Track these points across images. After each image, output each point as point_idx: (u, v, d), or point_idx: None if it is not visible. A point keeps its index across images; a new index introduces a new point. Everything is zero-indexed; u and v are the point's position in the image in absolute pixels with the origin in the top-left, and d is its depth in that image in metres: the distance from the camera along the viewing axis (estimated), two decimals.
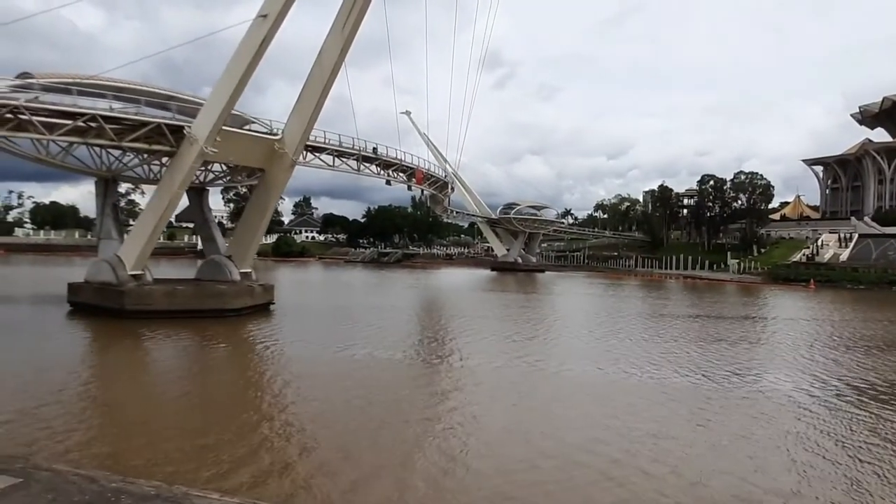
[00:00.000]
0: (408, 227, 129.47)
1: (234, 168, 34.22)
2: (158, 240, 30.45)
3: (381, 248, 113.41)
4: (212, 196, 37.04)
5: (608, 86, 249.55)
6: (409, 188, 50.28)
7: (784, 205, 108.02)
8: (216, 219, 39.90)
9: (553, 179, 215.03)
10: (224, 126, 26.16)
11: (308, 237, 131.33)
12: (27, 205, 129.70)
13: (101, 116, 24.85)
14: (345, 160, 38.23)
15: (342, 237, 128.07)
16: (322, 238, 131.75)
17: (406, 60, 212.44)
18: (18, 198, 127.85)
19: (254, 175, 34.24)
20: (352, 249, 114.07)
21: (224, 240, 33.96)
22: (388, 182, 44.12)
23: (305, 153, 33.74)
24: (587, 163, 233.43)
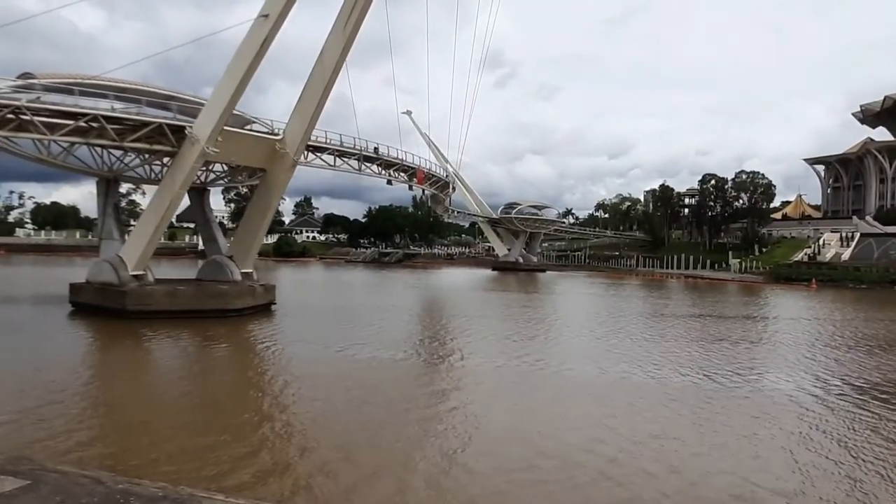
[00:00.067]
0: (409, 227, 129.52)
1: (236, 168, 34.24)
2: (160, 240, 30.46)
3: (382, 248, 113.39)
4: (213, 196, 37.13)
5: (609, 85, 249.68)
6: (411, 188, 50.29)
7: (785, 204, 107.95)
8: (217, 219, 39.90)
9: (554, 179, 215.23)
10: (225, 126, 26.16)
11: (309, 237, 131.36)
12: (28, 205, 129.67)
13: (103, 116, 24.86)
14: (346, 160, 38.24)
15: (343, 237, 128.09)
16: (323, 238, 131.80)
17: (407, 60, 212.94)
18: (19, 198, 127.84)
19: (255, 175, 34.27)
20: (353, 249, 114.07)
21: (225, 240, 33.96)
22: (390, 182, 44.12)
23: (307, 153, 33.77)
24: (588, 162, 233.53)
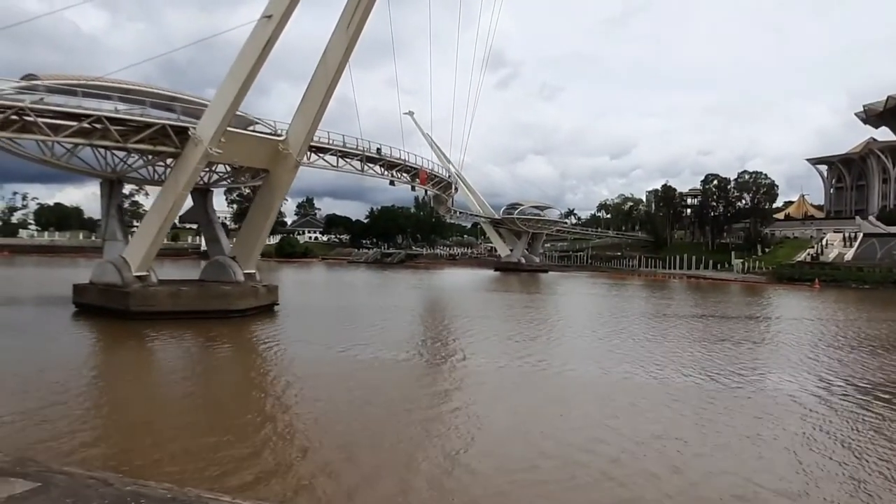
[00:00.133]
0: (411, 228, 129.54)
1: (238, 169, 34.29)
2: (163, 241, 30.53)
3: (385, 249, 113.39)
4: (215, 197, 37.14)
5: (610, 85, 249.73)
6: (413, 188, 50.33)
7: (788, 204, 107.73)
8: (219, 220, 39.96)
9: (556, 179, 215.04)
10: (229, 127, 26.22)
11: (311, 238, 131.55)
12: (31, 206, 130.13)
13: (107, 118, 24.87)
14: (349, 161, 38.30)
15: (345, 238, 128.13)
16: (325, 239, 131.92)
17: (409, 60, 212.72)
18: (23, 199, 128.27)
19: (258, 176, 34.32)
20: (355, 250, 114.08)
21: (228, 241, 34.01)
22: (392, 182, 44.18)
23: (309, 154, 33.80)
24: (590, 162, 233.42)
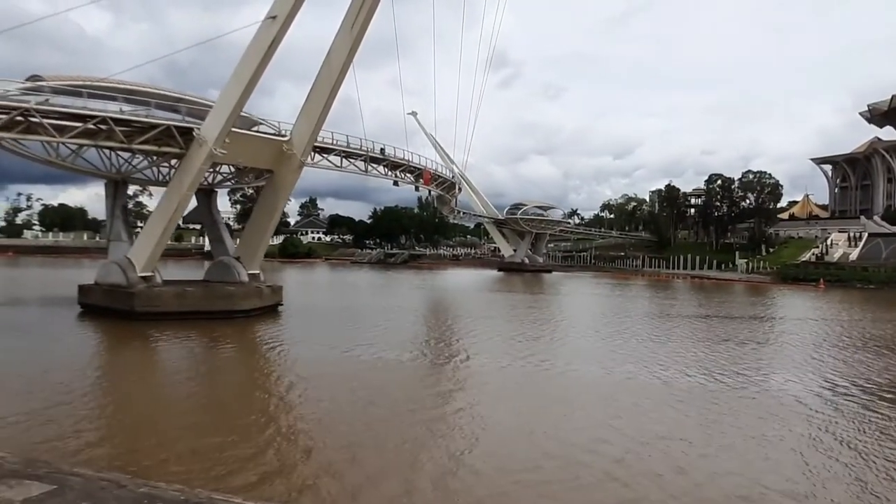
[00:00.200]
0: (414, 228, 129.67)
1: (242, 169, 34.39)
2: (167, 242, 30.61)
3: (388, 249, 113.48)
4: (219, 197, 37.22)
5: (613, 85, 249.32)
6: (417, 189, 50.36)
7: (792, 204, 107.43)
8: (223, 220, 40.06)
9: (559, 179, 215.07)
10: (233, 128, 26.30)
11: (314, 238, 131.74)
12: (36, 207, 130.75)
13: (112, 119, 24.95)
14: (353, 161, 38.33)
15: (348, 238, 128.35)
16: (328, 239, 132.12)
17: (412, 61, 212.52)
18: (27, 200, 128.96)
19: (261, 176, 34.40)
20: (358, 250, 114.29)
21: (232, 241, 34.09)
22: (396, 183, 44.20)
23: (313, 154, 33.82)
24: (593, 162, 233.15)
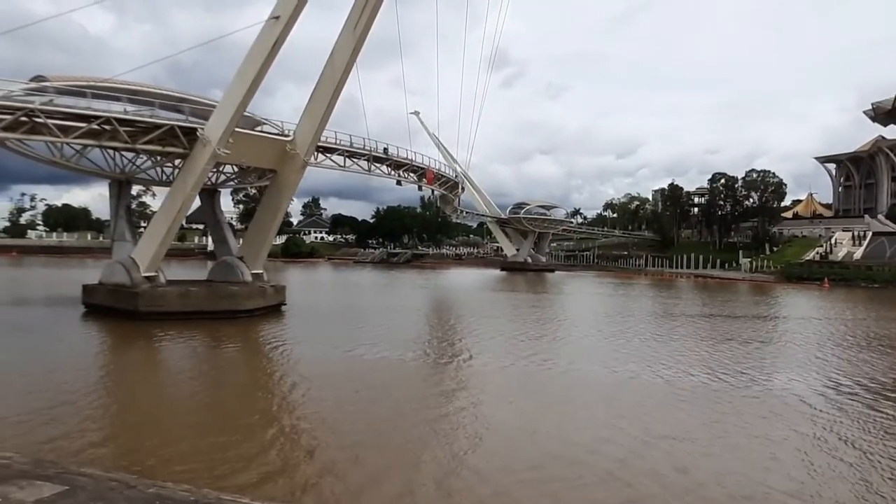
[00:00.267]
0: (417, 228, 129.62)
1: (245, 169, 34.43)
2: (171, 241, 30.66)
3: (391, 249, 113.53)
4: (222, 197, 37.28)
5: (616, 84, 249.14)
6: (420, 188, 50.34)
7: (796, 203, 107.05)
8: (226, 220, 40.04)
9: (562, 179, 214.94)
10: (236, 128, 26.35)
11: (317, 238, 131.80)
12: (39, 207, 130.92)
13: (116, 119, 25.03)
14: (356, 161, 38.34)
15: (351, 238, 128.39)
16: (331, 239, 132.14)
17: (415, 60, 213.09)
18: (31, 200, 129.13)
19: (265, 176, 34.45)
20: (361, 250, 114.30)
21: (236, 241, 34.15)
22: (399, 182, 44.18)
23: (317, 154, 33.87)
24: (596, 162, 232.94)
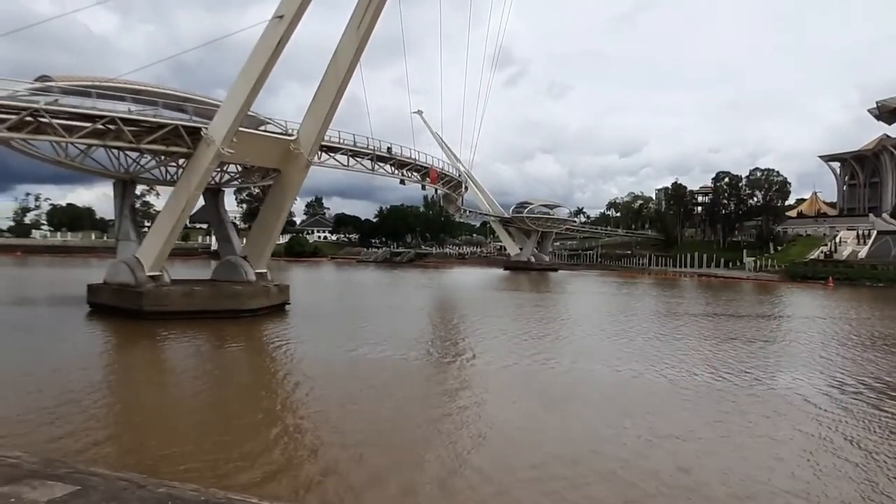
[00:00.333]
0: (420, 227, 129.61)
1: (249, 169, 34.47)
2: (175, 241, 30.71)
3: (394, 248, 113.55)
4: (225, 197, 37.29)
5: (619, 83, 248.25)
6: (423, 188, 50.35)
7: (800, 202, 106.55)
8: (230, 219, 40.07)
9: (565, 178, 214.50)
10: (240, 127, 26.38)
11: (320, 237, 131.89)
12: (44, 207, 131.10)
13: (120, 119, 25.07)
14: (359, 160, 38.36)
15: (354, 237, 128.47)
16: (334, 238, 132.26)
17: (418, 59, 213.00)
18: (35, 200, 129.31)
19: (268, 176, 34.49)
20: (364, 249, 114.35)
21: (239, 240, 34.17)
22: (403, 182, 44.19)
23: (320, 153, 33.87)
24: (599, 161, 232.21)
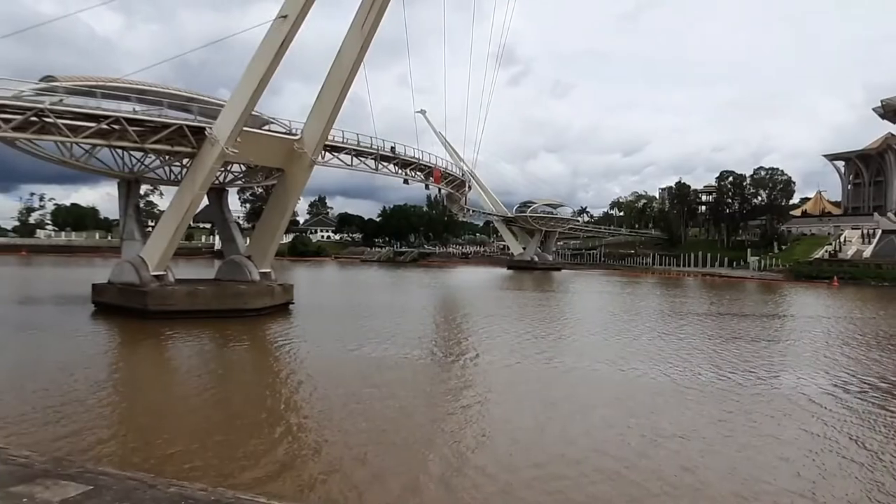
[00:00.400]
0: (423, 227, 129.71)
1: (253, 168, 34.49)
2: (180, 240, 30.72)
3: (397, 248, 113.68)
4: (229, 196, 37.33)
5: (622, 82, 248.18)
6: (427, 187, 50.27)
7: (805, 201, 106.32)
8: (234, 219, 40.13)
9: (568, 177, 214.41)
10: (244, 127, 26.39)
11: (323, 237, 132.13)
12: (48, 206, 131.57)
13: (125, 118, 25.12)
14: (363, 160, 38.32)
15: (357, 237, 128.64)
16: (337, 237, 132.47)
17: (421, 59, 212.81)
18: (40, 200, 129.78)
19: (272, 175, 34.50)
20: (367, 249, 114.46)
21: (243, 240, 34.19)
22: (406, 181, 44.11)
23: (324, 153, 33.83)
24: (602, 160, 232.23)
